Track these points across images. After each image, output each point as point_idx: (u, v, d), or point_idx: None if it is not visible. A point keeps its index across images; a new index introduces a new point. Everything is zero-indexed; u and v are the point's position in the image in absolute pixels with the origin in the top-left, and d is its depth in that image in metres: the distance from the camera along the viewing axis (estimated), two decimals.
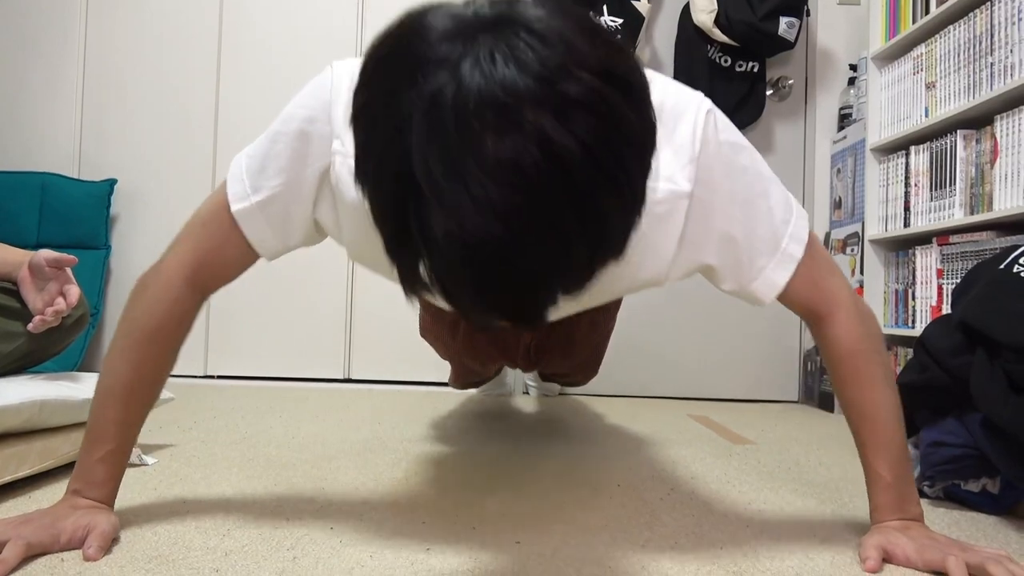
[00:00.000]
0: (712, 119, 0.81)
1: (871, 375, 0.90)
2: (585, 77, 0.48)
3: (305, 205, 0.85)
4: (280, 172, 0.83)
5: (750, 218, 0.85)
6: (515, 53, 0.48)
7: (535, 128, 0.46)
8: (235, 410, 1.95)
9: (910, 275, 2.15)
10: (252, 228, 0.86)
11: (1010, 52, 1.75)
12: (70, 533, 0.79)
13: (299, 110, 0.82)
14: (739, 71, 2.61)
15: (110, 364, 0.88)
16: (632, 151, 0.51)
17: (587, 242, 0.50)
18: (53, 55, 2.82)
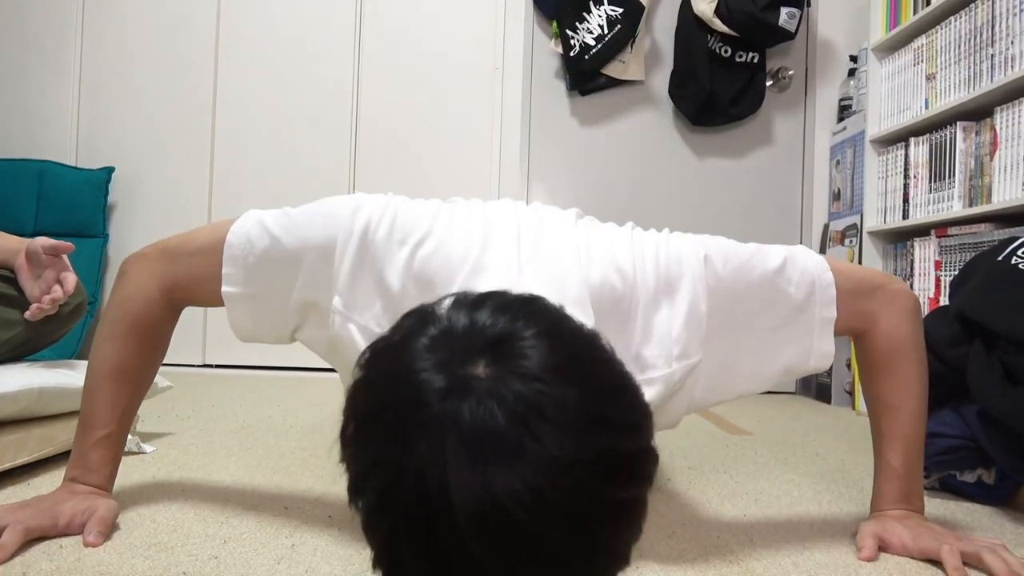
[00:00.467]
0: (711, 267, 0.82)
1: (903, 372, 0.91)
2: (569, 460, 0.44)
3: (285, 321, 0.85)
4: (269, 281, 0.83)
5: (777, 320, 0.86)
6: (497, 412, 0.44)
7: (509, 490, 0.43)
8: (233, 399, 1.96)
9: (908, 267, 2.15)
10: (235, 312, 0.85)
11: (1011, 43, 1.75)
12: (68, 517, 0.79)
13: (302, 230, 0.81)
14: (739, 61, 2.60)
15: (97, 350, 0.88)
16: (618, 521, 0.48)
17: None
18: (51, 42, 2.80)
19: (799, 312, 0.86)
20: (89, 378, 0.88)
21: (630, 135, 2.74)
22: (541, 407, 0.45)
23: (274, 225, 0.82)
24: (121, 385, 0.88)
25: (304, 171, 2.75)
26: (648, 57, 2.70)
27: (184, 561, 0.75)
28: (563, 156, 2.74)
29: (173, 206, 2.77)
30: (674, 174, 2.74)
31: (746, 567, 0.80)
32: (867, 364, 0.94)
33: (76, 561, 0.73)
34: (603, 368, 0.51)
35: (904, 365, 0.91)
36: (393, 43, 2.76)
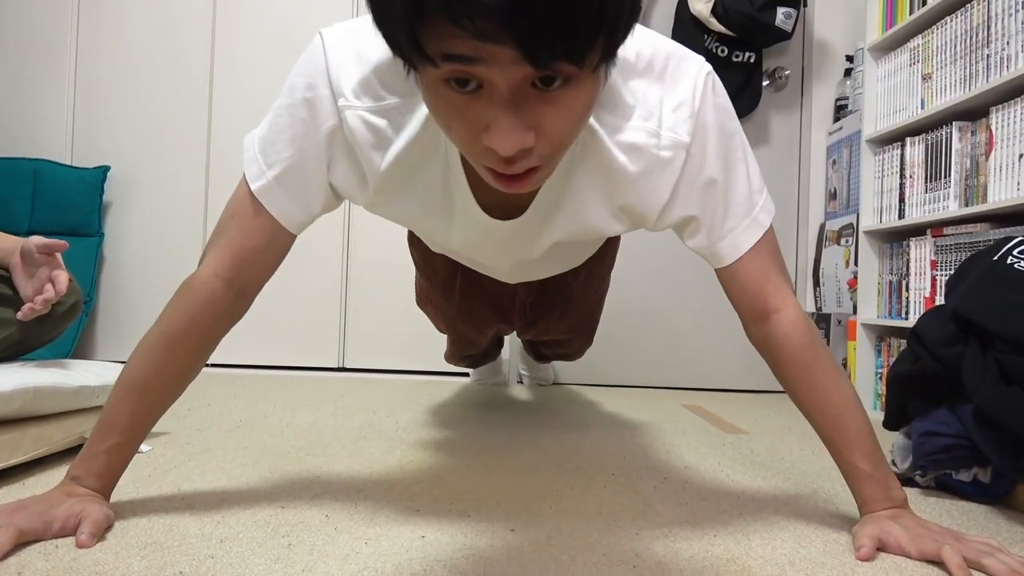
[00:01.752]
0: (711, 81, 0.85)
1: (824, 371, 0.91)
2: None
3: (319, 171, 0.87)
4: (290, 143, 0.85)
5: (732, 178, 0.88)
6: None
7: None
8: (229, 398, 1.95)
9: (904, 266, 2.15)
10: (274, 203, 0.87)
11: (1007, 44, 1.75)
12: (63, 520, 0.79)
13: (298, 79, 0.83)
14: (736, 61, 2.60)
15: (135, 358, 0.88)
16: None
17: None
18: (46, 40, 2.79)
19: (744, 193, 0.89)
20: (119, 383, 0.87)
21: None
22: None
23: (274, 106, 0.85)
24: (149, 398, 0.87)
25: None
26: None
27: (180, 560, 0.75)
28: None
29: (169, 205, 2.77)
30: None
31: (742, 565, 0.80)
32: (784, 364, 0.93)
33: (72, 561, 0.73)
34: None
35: (823, 362, 0.91)
36: None
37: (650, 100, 0.83)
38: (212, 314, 0.88)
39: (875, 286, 2.30)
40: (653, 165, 0.84)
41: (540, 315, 1.47)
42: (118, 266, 2.75)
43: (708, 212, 0.89)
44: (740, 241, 0.90)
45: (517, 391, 2.36)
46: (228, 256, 0.89)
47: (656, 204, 0.87)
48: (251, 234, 0.88)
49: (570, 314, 1.49)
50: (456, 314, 1.49)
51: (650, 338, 2.66)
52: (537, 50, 0.55)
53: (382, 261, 2.71)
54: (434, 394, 2.16)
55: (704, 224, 0.90)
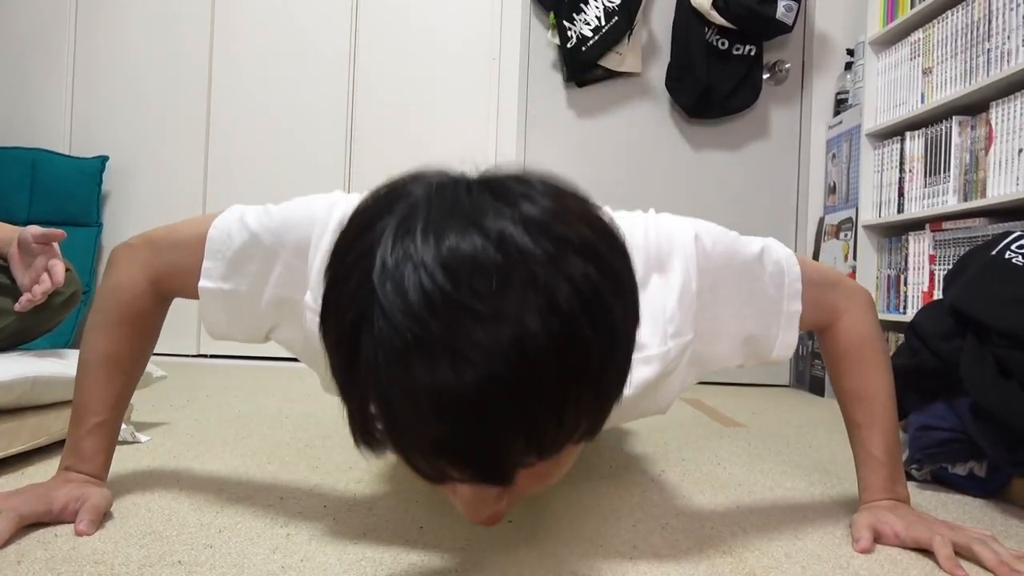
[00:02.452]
0: (701, 246, 0.81)
1: (871, 362, 0.93)
2: (577, 224, 0.46)
3: (260, 320, 0.85)
4: (248, 278, 0.82)
5: (756, 311, 0.87)
6: (506, 199, 0.46)
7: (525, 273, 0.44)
8: (228, 389, 1.95)
9: (902, 261, 2.15)
10: (209, 308, 0.85)
11: (1007, 38, 1.75)
12: (62, 504, 0.80)
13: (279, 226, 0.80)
14: (736, 54, 2.59)
15: (88, 338, 0.88)
16: (622, 308, 0.49)
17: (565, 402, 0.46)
18: (45, 29, 2.78)
19: (770, 301, 0.87)
20: (80, 367, 0.88)
21: (627, 127, 2.73)
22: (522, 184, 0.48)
23: (253, 221, 0.82)
24: (112, 373, 0.88)
25: (299, 159, 2.74)
26: (645, 49, 2.69)
27: (179, 550, 0.75)
28: (559, 147, 2.73)
29: (168, 195, 2.76)
30: (670, 167, 2.74)
31: (739, 557, 0.80)
32: (835, 358, 0.95)
33: (71, 550, 0.73)
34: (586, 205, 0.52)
35: (871, 355, 0.92)
36: (389, 34, 2.75)
37: (651, 306, 0.78)
38: (139, 309, 0.89)
39: (873, 280, 2.31)
40: (664, 368, 0.81)
41: None
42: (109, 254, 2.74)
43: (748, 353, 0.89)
44: (787, 342, 0.89)
45: None
46: (155, 269, 0.88)
47: (670, 396, 0.86)
48: (184, 276, 0.86)
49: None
50: None
51: None
52: (498, 478, 0.49)
53: None
54: None
55: (746, 354, 0.90)
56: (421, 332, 0.43)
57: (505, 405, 0.44)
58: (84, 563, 0.70)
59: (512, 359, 0.43)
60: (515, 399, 0.44)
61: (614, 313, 0.48)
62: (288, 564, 0.73)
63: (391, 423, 0.47)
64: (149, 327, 0.91)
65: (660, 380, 0.81)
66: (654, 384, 0.80)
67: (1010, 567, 0.76)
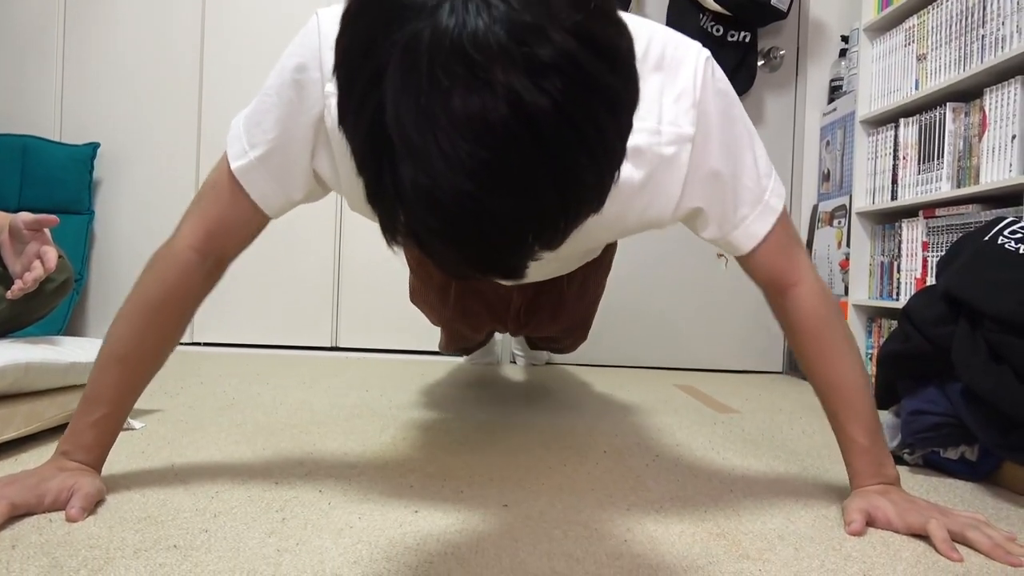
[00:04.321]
0: (711, 67, 0.83)
1: (836, 344, 0.92)
2: (558, 38, 0.46)
3: (303, 155, 0.84)
4: (276, 124, 0.83)
5: (738, 165, 0.87)
6: (491, 5, 0.46)
7: (504, 86, 0.45)
8: (222, 377, 1.95)
9: (896, 248, 2.16)
10: (254, 184, 0.86)
11: (1002, 24, 1.75)
12: (55, 494, 0.79)
13: (289, 60, 0.81)
14: (731, 41, 2.59)
15: (114, 330, 0.87)
16: (607, 111, 0.49)
17: (559, 199, 0.49)
18: (33, 15, 2.75)
19: (754, 179, 0.88)
20: (101, 356, 0.87)
21: None
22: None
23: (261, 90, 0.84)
24: (131, 368, 0.87)
25: None
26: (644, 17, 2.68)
27: (174, 535, 0.75)
28: None
29: (160, 182, 2.74)
30: None
31: (733, 540, 0.81)
32: (798, 335, 0.94)
33: (66, 535, 0.73)
34: None
35: (836, 337, 0.92)
36: None
37: (647, 93, 0.79)
38: (187, 285, 0.88)
39: (867, 267, 2.31)
40: (657, 165, 0.81)
41: (533, 318, 1.48)
42: (109, 244, 2.73)
43: (716, 203, 0.87)
44: (754, 229, 0.89)
45: (510, 371, 2.36)
46: (203, 229, 0.88)
47: (668, 204, 0.85)
48: (227, 210, 0.87)
49: (563, 316, 1.49)
50: (452, 315, 1.49)
51: (643, 319, 2.67)
52: (513, 275, 0.53)
53: (376, 240, 2.67)
54: (428, 373, 2.17)
55: (713, 216, 0.88)
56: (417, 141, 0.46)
57: (497, 207, 0.47)
58: (79, 547, 0.70)
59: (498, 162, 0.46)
60: (506, 200, 0.47)
61: (600, 119, 0.48)
62: (284, 548, 0.73)
63: (410, 223, 0.50)
64: (184, 313, 0.90)
65: (654, 170, 0.81)
66: (648, 175, 0.81)
67: (1005, 549, 0.77)
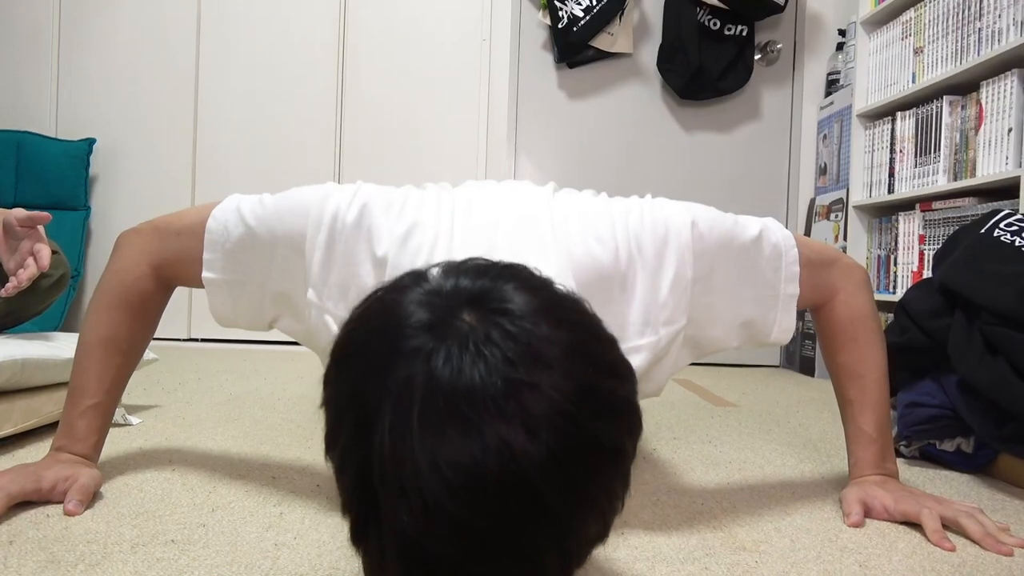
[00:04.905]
0: (697, 233, 0.81)
1: (865, 339, 0.93)
2: (555, 396, 0.43)
3: (262, 311, 0.86)
4: (247, 270, 0.84)
5: (754, 293, 0.87)
6: (486, 357, 0.43)
7: (496, 439, 0.41)
8: (220, 372, 1.95)
9: (893, 241, 2.16)
10: (214, 296, 0.86)
11: (998, 17, 1.75)
12: (52, 483, 0.80)
13: (274, 220, 0.81)
14: (728, 35, 2.58)
15: (88, 320, 0.88)
16: (609, 463, 0.46)
17: (559, 554, 0.45)
18: (28, 10, 2.74)
19: (767, 285, 0.88)
20: (80, 348, 0.88)
21: (618, 108, 2.72)
22: (529, 344, 0.44)
23: (249, 214, 0.82)
24: (111, 355, 0.88)
25: (288, 142, 2.72)
26: (637, 30, 2.68)
27: (172, 529, 0.75)
28: (550, 129, 2.72)
29: (157, 177, 2.74)
30: (662, 148, 2.73)
31: (729, 532, 0.81)
32: (829, 336, 0.95)
33: (64, 530, 0.73)
34: (589, 319, 0.50)
35: (865, 332, 0.93)
36: (379, 14, 2.72)
37: (640, 301, 0.79)
38: (142, 293, 0.89)
39: (864, 260, 2.32)
40: (656, 355, 0.81)
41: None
42: (105, 240, 2.72)
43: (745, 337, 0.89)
44: (786, 323, 0.89)
45: None
46: (158, 256, 0.89)
47: (661, 376, 0.86)
48: (187, 264, 0.87)
49: None
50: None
51: None
52: None
53: None
54: None
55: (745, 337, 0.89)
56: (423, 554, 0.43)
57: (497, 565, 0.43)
58: (77, 542, 0.70)
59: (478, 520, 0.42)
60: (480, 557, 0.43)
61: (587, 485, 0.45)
62: (281, 542, 0.73)
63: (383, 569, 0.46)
64: (149, 312, 0.91)
65: (651, 366, 0.82)
66: (644, 371, 0.80)
67: (996, 539, 0.78)
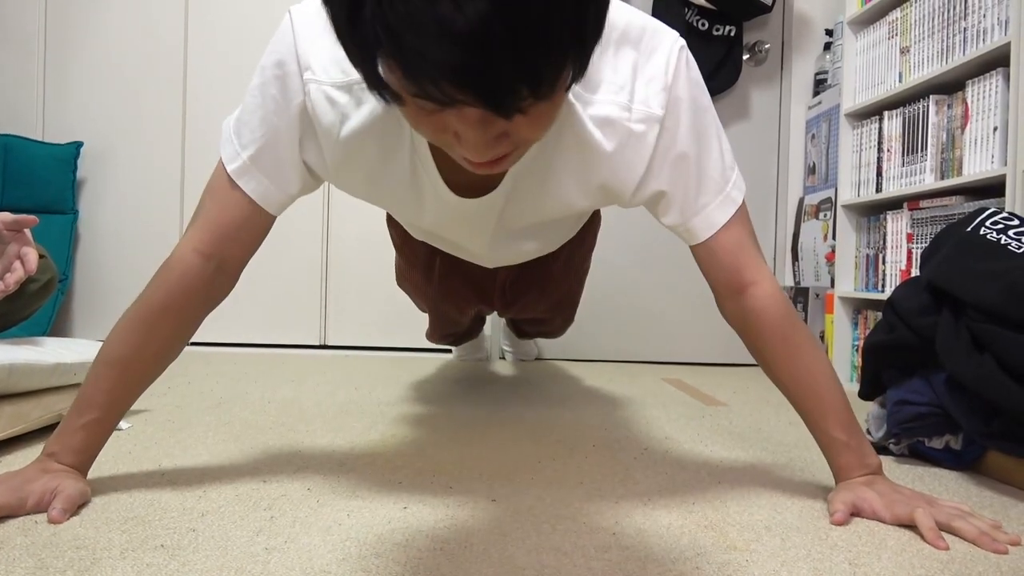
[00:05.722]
0: (684, 55, 0.85)
1: (803, 343, 0.92)
2: None
3: (292, 148, 0.86)
4: (262, 122, 0.85)
5: (704, 153, 0.89)
6: None
7: None
8: (210, 375, 1.94)
9: (881, 240, 2.18)
10: (250, 184, 0.87)
11: (983, 17, 1.76)
12: (38, 496, 0.79)
13: (268, 58, 0.84)
14: (716, 35, 2.59)
15: (115, 334, 0.87)
16: None
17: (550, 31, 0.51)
18: (14, 11, 2.72)
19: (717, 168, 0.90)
20: (99, 359, 0.86)
21: None
22: None
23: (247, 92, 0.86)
24: (126, 375, 0.87)
25: None
26: None
27: (161, 534, 0.75)
28: None
29: (145, 181, 2.72)
30: None
31: (720, 532, 0.81)
32: (762, 337, 0.93)
33: (52, 536, 0.73)
34: None
35: (800, 335, 0.92)
36: None
37: (622, 71, 0.82)
38: (189, 288, 0.88)
39: (852, 259, 2.33)
40: (627, 139, 0.84)
41: (519, 296, 1.48)
42: (94, 244, 2.71)
43: (680, 188, 0.89)
44: (714, 218, 0.90)
45: (500, 367, 2.36)
46: (205, 231, 0.88)
47: (631, 180, 0.87)
48: (228, 211, 0.88)
49: (549, 295, 1.50)
50: (436, 295, 1.49)
51: (631, 313, 2.68)
52: (502, 106, 0.55)
53: (363, 238, 2.69)
54: (416, 370, 2.17)
55: (676, 200, 0.89)
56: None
57: (503, 35, 0.50)
58: (65, 548, 0.70)
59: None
60: (511, 29, 0.50)
61: None
62: (272, 546, 0.73)
63: (403, 56, 0.52)
64: (187, 319, 0.90)
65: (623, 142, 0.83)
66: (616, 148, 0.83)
67: (991, 536, 0.78)
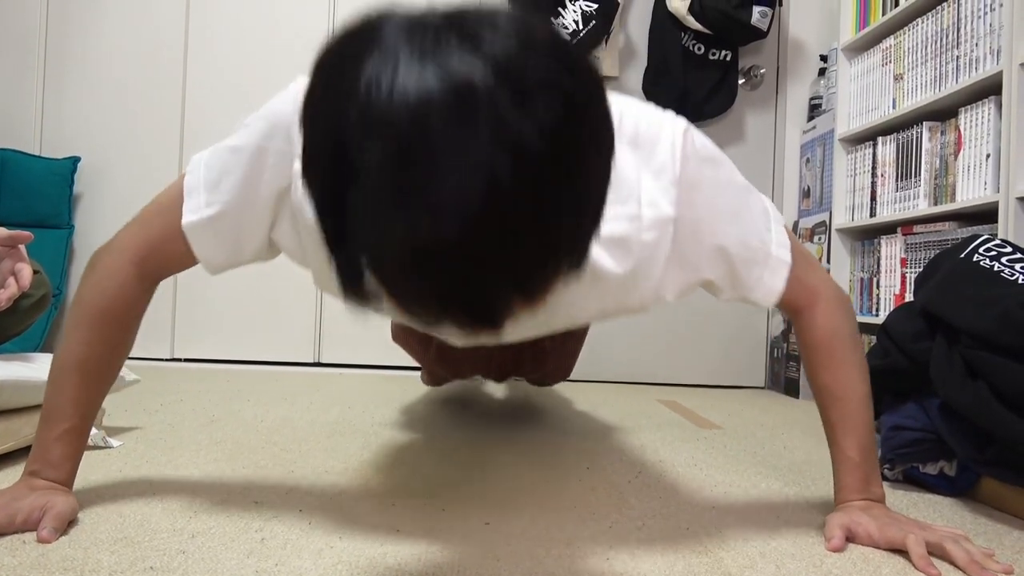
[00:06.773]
0: (690, 137, 0.79)
1: (845, 359, 0.92)
2: (545, 63, 0.45)
3: (260, 225, 0.83)
4: (235, 188, 0.81)
5: (739, 231, 0.85)
6: (473, 40, 0.45)
7: (492, 117, 0.42)
8: (202, 393, 1.93)
9: (875, 264, 2.19)
10: (200, 243, 0.84)
11: (976, 46, 1.78)
12: (26, 514, 0.78)
13: (259, 123, 0.80)
14: (712, 59, 2.62)
15: (64, 342, 0.87)
16: (594, 145, 0.48)
17: (542, 243, 0.47)
18: (13, 27, 2.73)
19: (757, 235, 0.86)
20: (54, 370, 0.86)
21: None
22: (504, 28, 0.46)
23: (234, 140, 0.82)
24: (86, 378, 0.86)
25: None
26: (622, 53, 2.71)
27: (151, 556, 0.74)
28: None
29: (142, 196, 2.67)
30: None
31: (714, 557, 0.81)
32: (810, 348, 0.94)
33: (40, 556, 0.72)
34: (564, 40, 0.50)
35: (844, 351, 0.92)
36: None
37: (625, 177, 0.76)
38: (125, 300, 0.87)
39: (847, 283, 2.34)
40: (640, 253, 0.79)
41: (518, 368, 1.51)
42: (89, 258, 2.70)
43: (726, 273, 0.86)
44: (771, 285, 0.88)
45: (493, 387, 2.36)
46: (145, 249, 0.87)
47: (650, 286, 0.83)
48: (167, 243, 0.85)
49: (546, 364, 1.52)
50: (433, 363, 1.52)
51: (626, 334, 2.68)
52: (491, 322, 0.49)
53: None
54: (410, 390, 2.16)
55: (725, 284, 0.88)
56: (396, 187, 0.43)
57: (483, 253, 0.45)
58: (54, 570, 0.69)
59: (486, 208, 0.43)
60: (492, 246, 0.45)
61: (586, 150, 0.47)
62: (263, 568, 0.72)
63: (383, 277, 0.48)
64: (128, 324, 0.89)
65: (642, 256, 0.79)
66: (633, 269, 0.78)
67: (981, 565, 0.78)
